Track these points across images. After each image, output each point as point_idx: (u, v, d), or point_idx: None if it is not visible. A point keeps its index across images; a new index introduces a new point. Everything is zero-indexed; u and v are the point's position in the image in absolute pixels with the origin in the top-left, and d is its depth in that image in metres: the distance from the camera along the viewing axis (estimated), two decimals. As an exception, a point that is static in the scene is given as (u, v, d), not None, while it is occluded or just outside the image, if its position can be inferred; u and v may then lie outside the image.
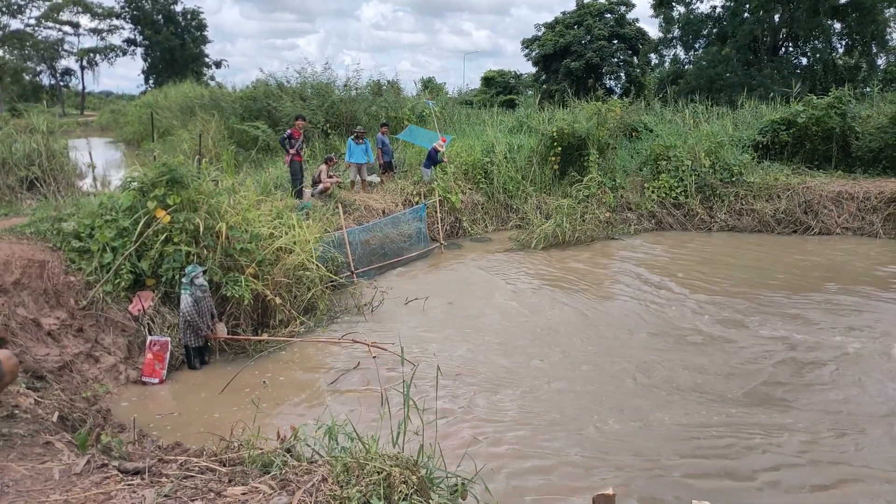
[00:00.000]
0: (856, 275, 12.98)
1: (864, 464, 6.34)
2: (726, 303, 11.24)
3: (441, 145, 16.75)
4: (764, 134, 19.38)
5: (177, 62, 67.48)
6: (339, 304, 11.09)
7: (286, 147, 14.21)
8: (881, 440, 6.79)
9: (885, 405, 7.59)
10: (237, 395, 7.80)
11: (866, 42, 34.49)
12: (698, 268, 13.62)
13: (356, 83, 24.22)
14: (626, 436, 6.85)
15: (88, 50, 69.05)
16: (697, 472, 6.19)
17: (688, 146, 18.27)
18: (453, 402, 7.60)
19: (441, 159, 16.84)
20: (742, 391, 7.93)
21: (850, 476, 6.16)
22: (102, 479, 3.85)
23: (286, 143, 14.21)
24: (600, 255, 14.98)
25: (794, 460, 6.40)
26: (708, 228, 17.41)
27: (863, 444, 6.69)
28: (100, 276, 8.67)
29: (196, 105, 25.85)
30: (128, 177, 9.68)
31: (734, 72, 34.52)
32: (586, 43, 44.05)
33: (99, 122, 49.13)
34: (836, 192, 17.20)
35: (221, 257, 9.20)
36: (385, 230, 14.21)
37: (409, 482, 3.57)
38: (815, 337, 9.60)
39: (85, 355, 7.86)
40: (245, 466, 4.09)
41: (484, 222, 17.40)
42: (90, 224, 9.02)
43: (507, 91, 48.81)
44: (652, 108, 24.67)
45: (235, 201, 10.09)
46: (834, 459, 6.43)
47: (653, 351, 9.24)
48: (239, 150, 19.59)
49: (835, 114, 18.54)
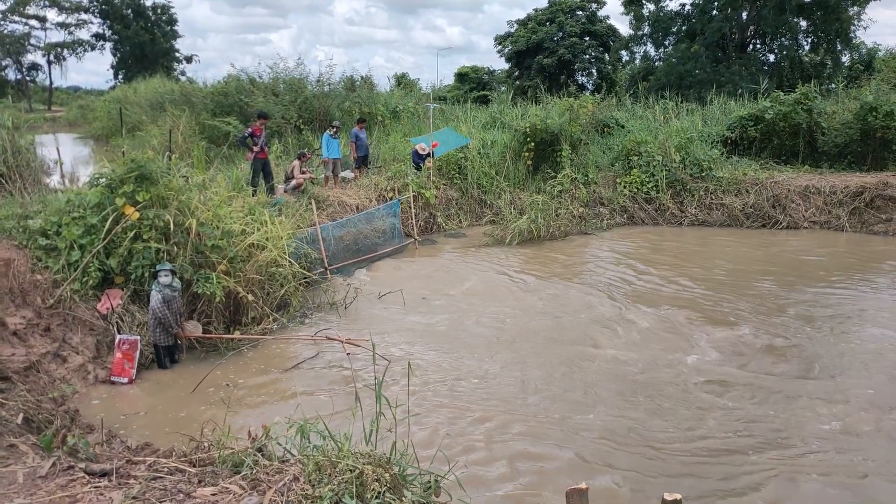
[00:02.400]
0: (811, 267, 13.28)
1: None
2: (698, 292, 11.42)
3: (423, 148, 16.80)
4: (732, 129, 19.67)
5: (146, 57, 66.25)
6: (313, 301, 11.03)
7: (248, 145, 13.88)
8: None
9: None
10: (208, 394, 7.72)
11: (831, 39, 35.10)
12: (670, 260, 13.80)
13: (329, 78, 24.09)
14: (605, 429, 6.91)
15: (56, 44, 67.59)
16: (679, 471, 6.27)
17: (658, 142, 18.48)
18: (426, 398, 7.61)
19: (424, 158, 16.90)
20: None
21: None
22: (68, 482, 3.79)
23: (246, 140, 13.90)
24: (574, 250, 15.09)
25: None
26: (679, 223, 17.63)
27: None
28: (67, 274, 8.52)
29: (166, 100, 25.43)
30: (96, 173, 9.52)
31: (703, 68, 34.91)
32: (558, 40, 44.31)
33: (67, 118, 48.09)
34: (803, 186, 17.53)
35: (192, 254, 9.08)
36: (359, 226, 14.14)
37: (381, 480, 3.57)
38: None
39: (52, 355, 7.71)
40: (215, 467, 4.06)
41: (458, 218, 17.41)
42: (57, 221, 8.86)
43: (481, 87, 48.94)
44: (623, 104, 24.91)
45: (206, 197, 9.97)
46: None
47: (630, 344, 9.33)
48: (210, 146, 19.31)
49: (801, 110, 18.89)
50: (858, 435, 6.85)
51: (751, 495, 5.83)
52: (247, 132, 13.96)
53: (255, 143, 13.75)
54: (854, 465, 6.29)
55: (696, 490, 5.86)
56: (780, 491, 5.89)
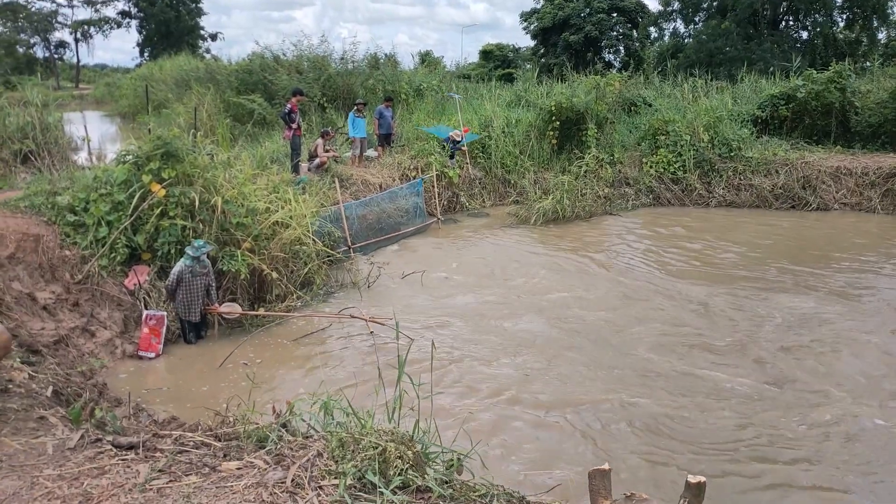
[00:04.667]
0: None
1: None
2: (724, 277, 11.27)
3: (458, 135, 16.65)
4: (763, 109, 19.26)
5: (172, 35, 66.38)
6: (336, 280, 11.07)
7: (287, 122, 14.02)
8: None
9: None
10: (233, 369, 7.80)
11: (867, 16, 34.15)
12: (696, 242, 13.63)
13: (353, 56, 23.99)
14: (629, 413, 6.87)
15: (82, 22, 68.11)
16: (702, 458, 6.22)
17: (686, 121, 18.15)
18: (450, 376, 7.61)
19: (460, 147, 16.77)
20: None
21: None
22: (96, 454, 3.84)
23: (286, 118, 14.02)
24: (599, 230, 14.96)
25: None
26: (706, 204, 17.36)
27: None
28: (95, 250, 8.63)
29: (191, 78, 25.55)
30: (123, 150, 9.60)
31: (734, 46, 34.15)
32: (585, 16, 43.55)
33: (94, 96, 48.57)
34: (834, 167, 17.14)
35: (217, 232, 9.15)
36: (382, 205, 14.12)
37: (404, 457, 3.56)
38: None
39: (80, 330, 7.83)
40: (240, 441, 4.09)
41: (482, 197, 17.31)
42: (85, 198, 8.95)
43: (506, 65, 48.31)
44: (651, 82, 24.45)
45: (231, 175, 10.01)
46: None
47: (658, 323, 9.25)
48: (234, 124, 19.42)
49: (834, 88, 18.42)
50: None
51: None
52: (286, 109, 14.03)
53: (293, 121, 13.82)
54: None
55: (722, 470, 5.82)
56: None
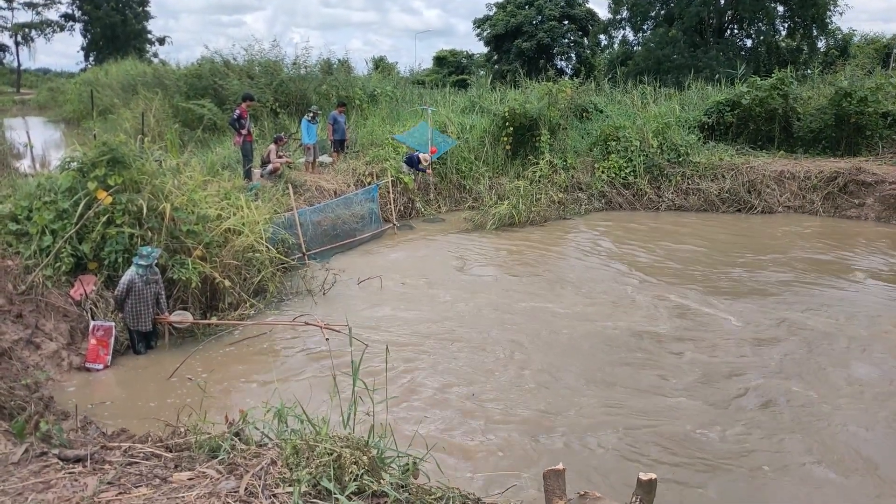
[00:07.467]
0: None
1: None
2: (672, 272, 11.54)
3: (426, 159, 16.55)
4: (709, 115, 19.79)
5: (118, 38, 64.87)
6: (291, 287, 10.96)
7: (237, 128, 13.80)
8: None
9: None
10: (184, 380, 7.65)
11: (807, 25, 35.48)
12: (646, 244, 13.92)
13: (305, 61, 23.83)
14: (583, 413, 6.97)
15: (23, 25, 65.95)
16: (652, 453, 6.35)
17: (636, 127, 18.55)
18: (406, 380, 7.62)
19: (423, 169, 16.72)
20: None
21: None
22: (41, 468, 3.74)
23: (235, 123, 13.79)
24: (553, 235, 15.14)
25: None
26: (656, 208, 17.75)
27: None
28: (39, 259, 8.37)
29: (138, 83, 25.02)
30: (67, 157, 9.35)
31: (681, 53, 35.07)
32: (537, 23, 44.26)
33: (36, 101, 47.12)
34: (778, 171, 17.72)
35: (167, 239, 8.96)
36: (337, 211, 14.03)
37: (359, 463, 3.56)
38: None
39: (25, 342, 7.58)
40: (192, 451, 4.03)
41: (437, 203, 17.36)
42: (28, 206, 8.70)
43: (460, 71, 48.73)
44: (602, 89, 24.94)
45: (180, 182, 9.83)
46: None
47: (606, 323, 9.41)
48: (184, 130, 19.03)
49: (777, 95, 19.07)
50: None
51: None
52: (234, 115, 13.80)
53: (243, 126, 13.61)
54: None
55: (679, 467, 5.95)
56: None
